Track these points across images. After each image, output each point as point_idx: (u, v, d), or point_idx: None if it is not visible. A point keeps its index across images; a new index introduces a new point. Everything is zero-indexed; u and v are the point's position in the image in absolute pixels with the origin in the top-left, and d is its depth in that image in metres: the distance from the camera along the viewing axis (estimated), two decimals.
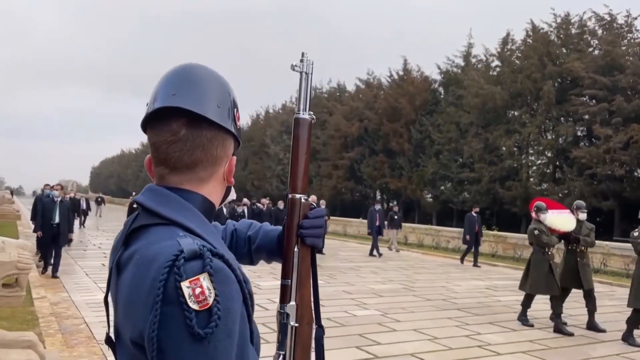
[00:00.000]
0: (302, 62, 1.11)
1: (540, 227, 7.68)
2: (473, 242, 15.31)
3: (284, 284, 1.09)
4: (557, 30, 23.54)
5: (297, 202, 1.10)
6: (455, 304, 9.42)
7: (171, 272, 0.79)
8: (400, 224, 19.16)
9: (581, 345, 6.99)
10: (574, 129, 21.55)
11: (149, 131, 0.97)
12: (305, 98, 1.12)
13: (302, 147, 1.11)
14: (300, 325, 1.08)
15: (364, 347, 6.28)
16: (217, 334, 0.80)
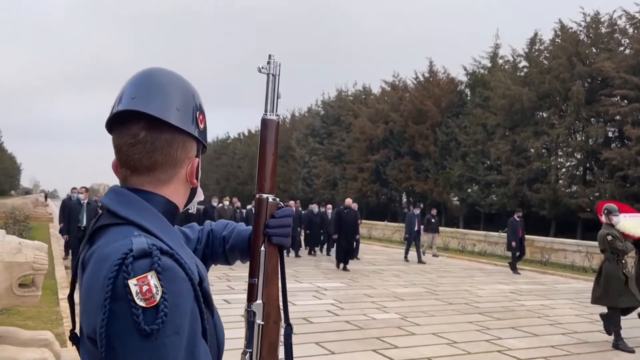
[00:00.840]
0: (269, 64, 1.13)
1: (613, 232, 6.91)
2: (519, 248, 14.62)
3: (251, 283, 1.10)
4: (586, 29, 23.01)
5: (264, 202, 1.12)
6: (478, 308, 9.31)
7: (120, 270, 0.82)
8: (438, 228, 18.66)
9: (605, 351, 6.82)
10: (605, 130, 20.98)
11: (113, 134, 1.01)
12: (273, 99, 1.13)
13: (270, 147, 1.13)
14: (267, 323, 1.09)
15: (380, 351, 6.26)
16: (164, 331, 0.82)
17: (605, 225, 7.06)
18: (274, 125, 1.13)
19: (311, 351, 6.12)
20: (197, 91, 1.08)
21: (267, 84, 1.13)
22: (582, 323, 8.46)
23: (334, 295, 9.89)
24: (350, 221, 14.07)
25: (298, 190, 41.41)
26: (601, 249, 7.20)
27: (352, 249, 14.31)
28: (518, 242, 14.53)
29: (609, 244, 6.89)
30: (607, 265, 6.97)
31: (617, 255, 6.87)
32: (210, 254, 1.28)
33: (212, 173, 60.00)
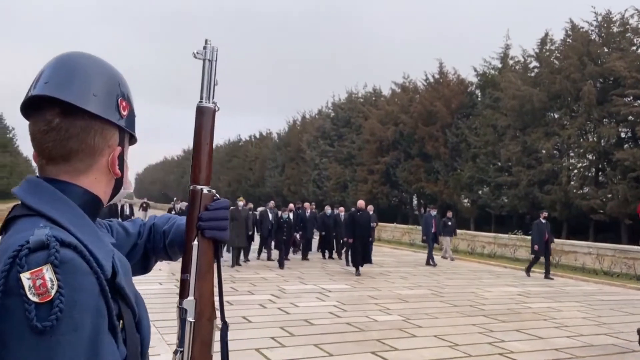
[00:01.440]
0: (205, 49, 1.09)
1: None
2: (543, 252, 13.86)
3: (183, 279, 1.05)
4: (598, 29, 22.72)
5: (198, 194, 1.07)
6: (483, 310, 9.21)
7: (13, 263, 0.78)
8: (455, 231, 18.24)
9: (610, 355, 6.70)
10: (617, 131, 20.68)
11: (29, 120, 0.96)
12: (209, 86, 1.09)
13: (205, 136, 1.08)
14: (199, 321, 1.03)
15: (379, 353, 6.22)
16: (59, 327, 0.77)
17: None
18: (210, 113, 1.09)
19: (309, 353, 6.11)
20: (123, 78, 1.04)
21: (202, 70, 1.08)
22: (589, 326, 8.33)
23: (338, 297, 9.86)
24: (364, 224, 13.59)
25: (309, 193, 41.36)
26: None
27: (368, 253, 13.81)
28: (543, 245, 13.79)
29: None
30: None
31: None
32: (152, 248, 1.23)
33: (224, 175, 60.21)
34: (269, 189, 48.76)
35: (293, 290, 10.43)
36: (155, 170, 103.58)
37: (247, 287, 10.68)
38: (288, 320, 7.72)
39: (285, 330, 7.11)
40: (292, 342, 6.51)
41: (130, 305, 0.96)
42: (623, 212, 20.21)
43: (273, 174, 48.89)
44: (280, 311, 8.39)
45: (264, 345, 6.31)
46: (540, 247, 13.77)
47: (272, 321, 7.60)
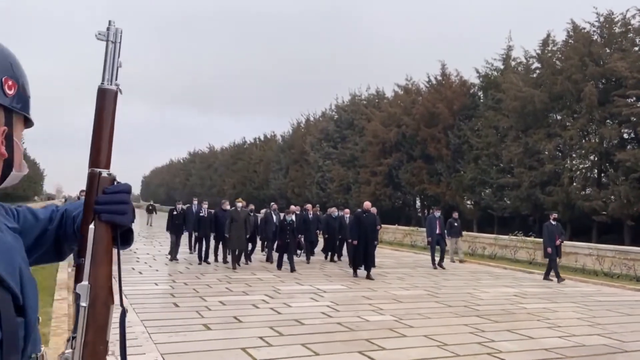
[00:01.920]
0: (109, 31, 1.09)
1: None
2: (555, 254, 13.55)
3: (78, 264, 1.04)
4: (600, 29, 22.64)
5: (96, 177, 1.06)
6: (477, 311, 9.18)
7: None
8: (461, 232, 17.88)
9: (599, 355, 6.66)
10: (619, 131, 20.57)
11: None
12: (111, 68, 1.08)
13: (107, 119, 1.07)
14: (94, 306, 1.02)
15: (366, 352, 6.22)
16: None
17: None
18: (112, 95, 1.08)
19: (295, 352, 6.11)
20: (16, 60, 1.04)
21: (105, 52, 1.08)
22: (582, 327, 8.28)
23: (332, 298, 9.87)
24: (370, 225, 13.36)
25: (312, 195, 41.39)
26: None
27: (371, 256, 13.36)
28: (554, 248, 13.49)
29: None
30: None
31: None
32: (63, 234, 1.23)
33: (229, 178, 60.35)
34: (273, 191, 48.81)
35: (288, 291, 10.44)
36: (161, 173, 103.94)
37: (242, 287, 10.71)
38: (279, 320, 7.73)
39: (275, 330, 7.12)
40: (279, 342, 6.52)
41: (11, 290, 0.94)
42: (625, 213, 20.09)
43: (277, 176, 48.95)
44: (272, 311, 8.41)
45: (251, 344, 6.32)
46: (553, 250, 13.43)
47: (262, 321, 7.62)
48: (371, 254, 13.34)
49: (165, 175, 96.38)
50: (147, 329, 6.73)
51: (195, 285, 10.69)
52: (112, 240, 1.08)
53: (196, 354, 5.83)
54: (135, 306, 8.27)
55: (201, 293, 9.83)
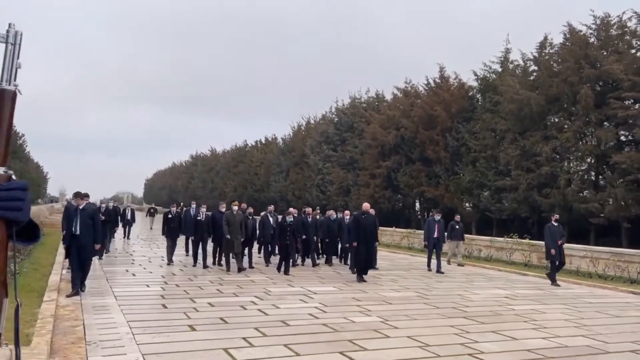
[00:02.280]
0: (8, 33, 1.13)
1: None
2: (558, 256, 13.23)
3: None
4: (597, 32, 22.67)
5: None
6: (464, 312, 9.23)
7: None
8: (463, 235, 17.75)
9: (581, 355, 6.70)
10: (615, 134, 20.60)
11: None
12: (10, 69, 1.12)
13: (4, 118, 1.11)
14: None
15: (347, 353, 6.28)
16: None
17: None
18: (10, 96, 1.12)
19: (277, 352, 6.18)
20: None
21: (5, 53, 1.12)
22: (568, 328, 8.32)
23: (321, 299, 9.93)
24: (369, 227, 13.20)
25: (313, 197, 41.50)
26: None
27: (372, 257, 13.25)
28: (557, 250, 13.18)
29: None
30: None
31: None
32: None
33: (230, 180, 60.51)
34: (274, 194, 48.93)
35: (278, 293, 10.51)
36: (164, 176, 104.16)
37: (233, 289, 10.78)
38: (265, 322, 7.80)
39: (259, 330, 7.19)
40: (262, 342, 6.59)
41: None
42: (622, 216, 20.10)
43: (278, 179, 49.08)
44: (259, 312, 8.48)
45: (234, 345, 6.39)
46: (556, 251, 13.15)
47: (248, 322, 7.69)
48: (371, 256, 13.15)
49: (168, 178, 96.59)
50: (132, 330, 6.81)
51: (187, 287, 10.78)
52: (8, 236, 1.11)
53: (178, 354, 5.90)
54: (124, 307, 8.36)
55: (191, 295, 9.91)
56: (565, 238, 13.63)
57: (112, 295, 9.37)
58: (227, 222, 13.56)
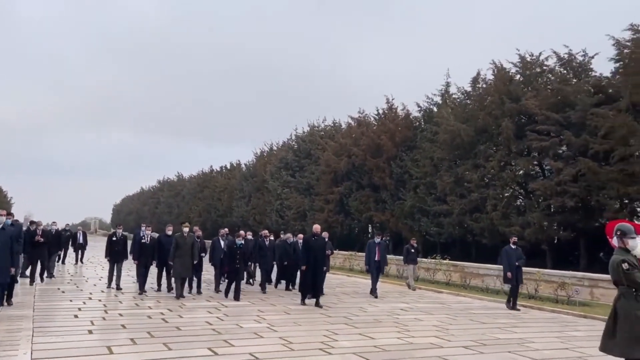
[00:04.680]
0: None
1: (630, 259, 5.39)
2: (514, 280, 13.18)
3: None
4: (522, 69, 24.72)
5: None
6: (349, 320, 10.46)
7: None
8: (416, 259, 18.08)
9: (417, 350, 7.98)
10: (532, 163, 22.45)
11: None
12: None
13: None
14: None
15: (215, 348, 7.46)
16: None
17: (618, 251, 5.55)
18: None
19: (153, 349, 7.32)
20: None
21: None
22: (429, 331, 9.58)
23: (228, 311, 11.05)
24: (319, 250, 12.93)
25: (272, 222, 42.57)
26: (614, 281, 5.58)
27: (320, 282, 12.94)
28: (514, 272, 13.12)
29: (625, 274, 5.33)
30: (624, 304, 5.38)
31: (635, 290, 5.32)
32: None
33: (195, 205, 61.17)
34: (236, 219, 49.83)
35: (191, 306, 11.61)
36: (131, 201, 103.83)
37: (151, 303, 11.83)
38: (160, 327, 8.92)
39: (150, 333, 8.32)
40: (146, 342, 7.73)
41: None
42: (540, 238, 21.75)
43: (240, 204, 50.11)
44: (161, 320, 9.60)
45: (119, 344, 7.51)
46: (513, 274, 13.12)
47: (145, 327, 8.79)
48: (320, 280, 12.91)
49: (136, 203, 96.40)
50: (34, 333, 7.85)
51: (107, 302, 11.78)
52: None
53: (63, 350, 6.99)
54: (37, 317, 9.36)
55: (108, 307, 10.93)
56: (524, 260, 13.72)
57: (32, 309, 10.32)
58: (176, 245, 12.98)
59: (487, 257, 25.28)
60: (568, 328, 10.73)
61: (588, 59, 22.72)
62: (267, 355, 7.18)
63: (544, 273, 16.86)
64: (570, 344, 8.86)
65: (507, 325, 10.64)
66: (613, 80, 20.64)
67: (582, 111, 20.15)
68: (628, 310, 5.29)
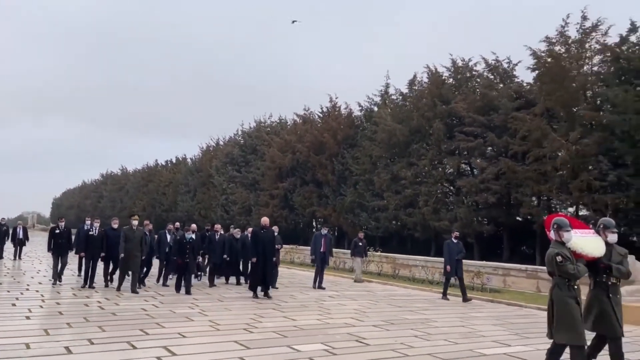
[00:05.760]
0: None
1: (564, 251, 5.77)
2: (453, 273, 13.67)
3: None
4: (453, 73, 26.36)
5: None
6: (276, 305, 11.33)
7: None
8: (366, 252, 18.56)
9: (332, 328, 8.97)
10: (459, 162, 24.13)
11: None
12: None
13: None
14: None
15: (134, 342, 8.16)
16: None
17: (554, 243, 5.92)
18: None
19: (81, 331, 7.95)
20: None
21: None
22: (348, 313, 10.60)
23: (164, 300, 11.70)
24: (268, 242, 13.07)
25: (217, 217, 42.85)
26: (549, 272, 5.99)
27: (270, 274, 13.11)
28: (454, 266, 13.62)
29: (558, 266, 5.71)
30: (557, 293, 5.78)
31: (568, 280, 5.73)
32: None
33: (139, 200, 60.42)
34: (181, 214, 49.75)
35: (129, 295, 12.16)
36: (72, 195, 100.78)
37: (89, 293, 12.30)
38: (96, 313, 9.51)
39: (86, 318, 8.93)
40: (80, 325, 8.34)
41: None
42: (467, 232, 23.41)
43: (185, 198, 50.09)
44: (98, 308, 10.15)
45: (54, 327, 8.08)
46: (452, 268, 13.58)
47: (81, 314, 9.36)
48: (270, 272, 13.01)
49: (77, 197, 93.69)
50: None
51: (45, 292, 12.16)
52: None
53: None
54: None
55: (46, 297, 11.35)
56: (464, 254, 14.33)
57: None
58: (125, 239, 12.81)
59: (421, 249, 26.94)
60: (473, 311, 12.05)
61: (512, 66, 24.59)
62: (193, 334, 7.97)
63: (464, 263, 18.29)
64: (467, 323, 10.12)
65: (420, 309, 11.84)
66: (534, 87, 22.46)
67: (504, 114, 21.88)
68: (561, 298, 5.70)
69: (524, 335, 8.89)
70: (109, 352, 6.70)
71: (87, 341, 7.23)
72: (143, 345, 7.10)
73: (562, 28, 20.28)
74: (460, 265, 13.90)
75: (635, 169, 17.63)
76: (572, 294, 5.67)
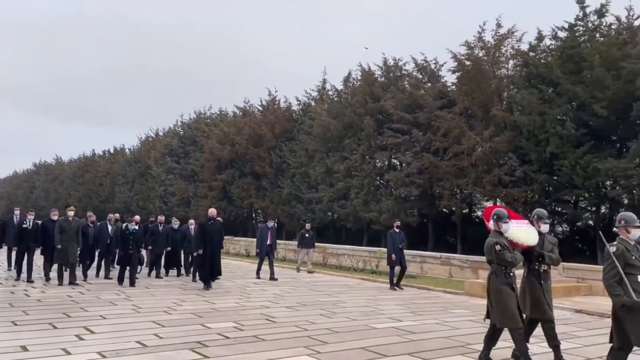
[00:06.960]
0: None
1: (502, 240, 6.13)
2: (398, 262, 13.90)
3: None
4: (385, 72, 27.66)
5: None
6: (225, 291, 12.05)
7: None
8: (313, 243, 18.91)
9: (252, 309, 9.81)
10: (388, 157, 25.51)
11: None
12: None
13: None
14: None
15: (69, 313, 8.70)
16: None
17: (493, 233, 6.26)
18: None
19: (8, 315, 8.41)
20: None
21: None
22: (277, 298, 11.45)
23: (92, 288, 12.14)
24: (216, 233, 13.17)
25: (155, 208, 42.63)
26: (488, 260, 6.27)
27: (217, 265, 13.13)
28: (398, 255, 13.88)
29: (497, 254, 6.04)
30: (495, 280, 6.14)
31: (505, 268, 6.07)
32: None
33: (75, 190, 58.79)
34: (119, 205, 48.99)
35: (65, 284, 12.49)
36: (2, 184, 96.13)
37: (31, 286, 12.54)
38: (24, 300, 9.89)
39: (10, 304, 9.31)
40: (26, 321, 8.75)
41: None
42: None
43: (122, 189, 49.37)
44: (25, 295, 10.51)
45: None
46: (397, 256, 13.83)
47: (10, 301, 9.73)
48: (217, 262, 13.13)
49: (8, 187, 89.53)
50: None
51: None
52: None
53: None
54: None
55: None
56: (406, 243, 14.76)
57: None
58: (60, 230, 12.57)
59: (354, 240, 28.22)
60: (383, 294, 13.19)
61: (439, 67, 26.11)
62: (114, 316, 8.61)
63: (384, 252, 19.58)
64: (373, 304, 11.21)
65: (336, 293, 12.89)
66: (455, 87, 24.04)
67: (429, 113, 23.34)
68: (498, 285, 6.05)
69: (418, 313, 10.08)
70: (29, 331, 7.26)
71: (11, 323, 7.73)
72: (64, 326, 7.68)
73: (479, 34, 21.87)
74: (403, 255, 14.22)
75: (539, 166, 19.45)
76: (507, 280, 6.03)
